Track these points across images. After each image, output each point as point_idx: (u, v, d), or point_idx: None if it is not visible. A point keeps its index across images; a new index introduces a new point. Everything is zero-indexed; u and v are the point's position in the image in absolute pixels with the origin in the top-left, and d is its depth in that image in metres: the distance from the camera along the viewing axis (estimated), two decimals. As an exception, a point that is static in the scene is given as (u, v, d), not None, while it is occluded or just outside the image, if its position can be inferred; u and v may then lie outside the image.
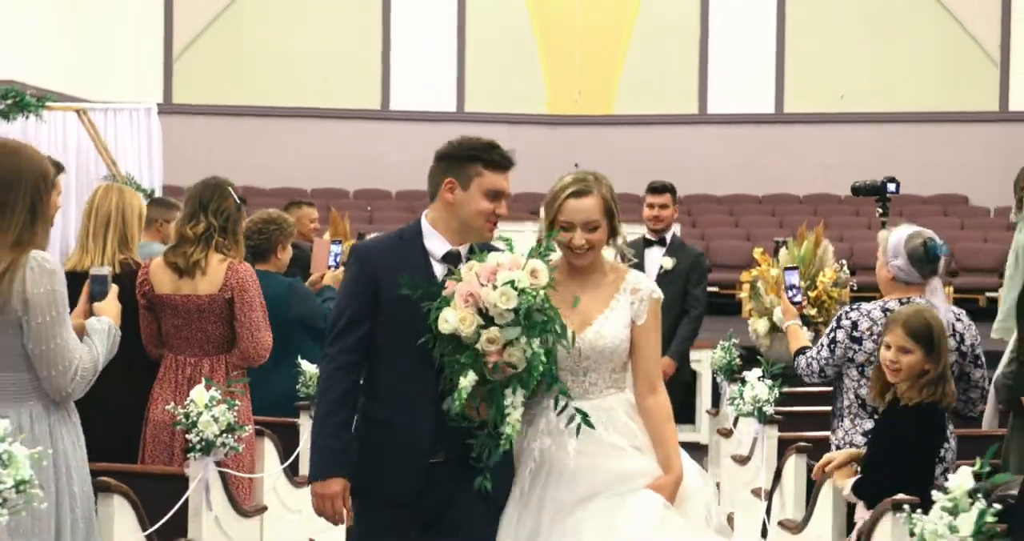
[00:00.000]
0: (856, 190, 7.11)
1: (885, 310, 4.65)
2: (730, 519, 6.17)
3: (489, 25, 18.36)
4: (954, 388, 4.26)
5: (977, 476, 2.50)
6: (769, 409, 5.46)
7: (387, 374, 3.70)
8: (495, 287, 3.42)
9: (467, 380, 3.37)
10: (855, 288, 7.03)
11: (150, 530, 3.83)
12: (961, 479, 2.49)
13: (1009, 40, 17.95)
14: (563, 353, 3.67)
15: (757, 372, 5.55)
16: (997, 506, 2.49)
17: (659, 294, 3.84)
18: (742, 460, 6.18)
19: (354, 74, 18.42)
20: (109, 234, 5.04)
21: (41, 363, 3.40)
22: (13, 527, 2.99)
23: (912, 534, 2.52)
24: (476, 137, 3.79)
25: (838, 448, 4.60)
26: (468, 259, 3.64)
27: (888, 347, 4.25)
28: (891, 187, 6.87)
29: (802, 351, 4.92)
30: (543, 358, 3.42)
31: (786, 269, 5.80)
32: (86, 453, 3.56)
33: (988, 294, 14.14)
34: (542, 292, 3.46)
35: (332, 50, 18.34)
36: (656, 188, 7.22)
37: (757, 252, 9.36)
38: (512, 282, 3.41)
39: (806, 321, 7.53)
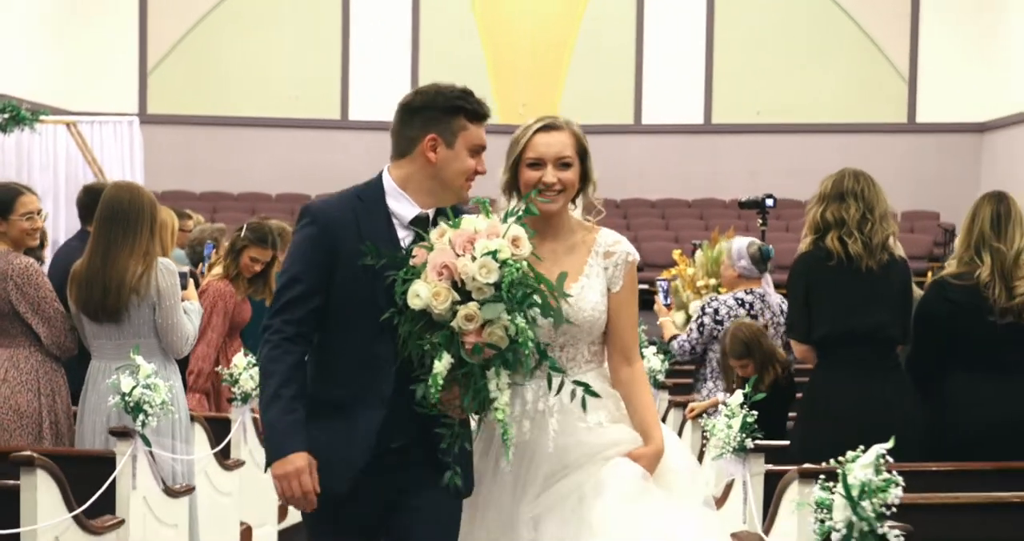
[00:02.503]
0: (742, 204, 8.68)
1: (737, 299, 6.33)
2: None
3: (441, 43, 19.26)
4: (783, 356, 5.87)
5: (745, 395, 4.13)
6: (661, 377, 7.09)
7: (341, 350, 3.27)
8: (473, 258, 3.04)
9: (442, 364, 3.02)
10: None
11: (215, 450, 5.45)
12: (736, 398, 4.12)
13: (917, 58, 19.08)
14: (538, 328, 3.21)
15: (652, 349, 7.16)
16: (755, 413, 4.13)
17: (635, 256, 3.49)
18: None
19: (316, 87, 19.26)
20: None
21: (165, 333, 4.98)
22: (155, 431, 4.63)
23: (705, 430, 4.20)
24: (449, 84, 3.34)
25: (703, 399, 6.29)
26: (436, 222, 3.26)
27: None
28: (769, 202, 8.43)
29: (674, 337, 6.55)
30: (529, 335, 3.04)
31: (658, 280, 7.38)
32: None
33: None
34: (524, 263, 3.08)
35: (294, 65, 19.16)
36: None
37: (676, 254, 10.84)
38: (494, 253, 3.04)
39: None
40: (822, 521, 2.66)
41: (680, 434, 6.08)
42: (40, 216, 5.23)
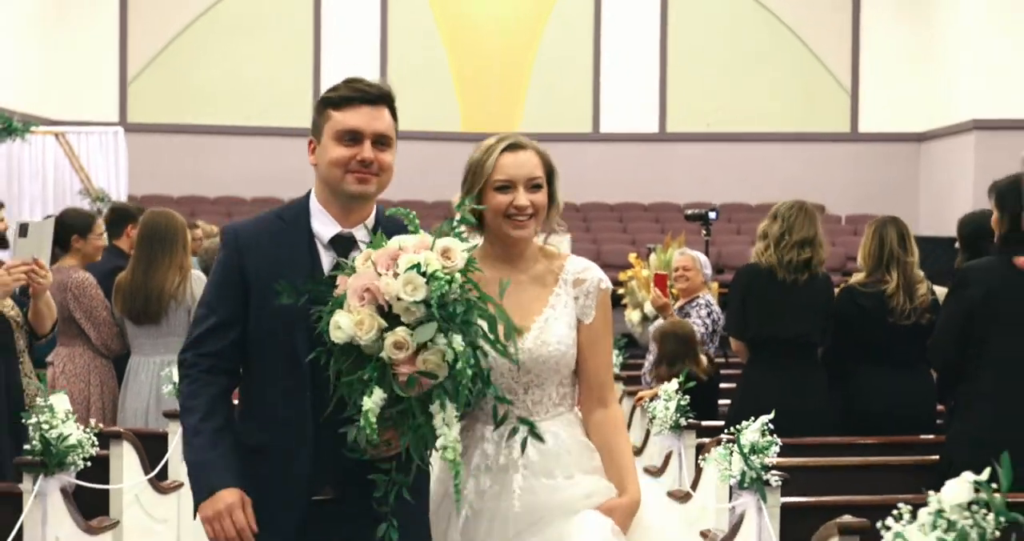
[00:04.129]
0: (688, 217, 9.62)
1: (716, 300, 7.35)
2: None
3: (409, 56, 19.82)
4: (699, 361, 6.74)
5: (680, 383, 5.16)
6: (617, 370, 8.07)
7: (261, 389, 2.98)
8: (396, 275, 2.63)
9: (372, 400, 2.59)
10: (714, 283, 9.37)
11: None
12: (671, 385, 5.15)
13: (858, 72, 19.74)
14: (499, 367, 2.93)
15: (608, 347, 8.13)
16: (688, 397, 5.15)
17: (607, 284, 3.15)
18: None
19: (289, 96, 19.63)
20: None
21: None
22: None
23: (648, 412, 5.23)
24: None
25: None
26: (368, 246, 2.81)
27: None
28: (712, 215, 9.39)
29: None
30: (470, 359, 2.61)
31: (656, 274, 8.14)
32: None
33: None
34: (458, 275, 2.65)
35: (268, 76, 19.64)
36: None
37: (631, 256, 11.66)
38: (417, 266, 2.62)
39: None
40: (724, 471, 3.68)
41: (631, 419, 7.10)
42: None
